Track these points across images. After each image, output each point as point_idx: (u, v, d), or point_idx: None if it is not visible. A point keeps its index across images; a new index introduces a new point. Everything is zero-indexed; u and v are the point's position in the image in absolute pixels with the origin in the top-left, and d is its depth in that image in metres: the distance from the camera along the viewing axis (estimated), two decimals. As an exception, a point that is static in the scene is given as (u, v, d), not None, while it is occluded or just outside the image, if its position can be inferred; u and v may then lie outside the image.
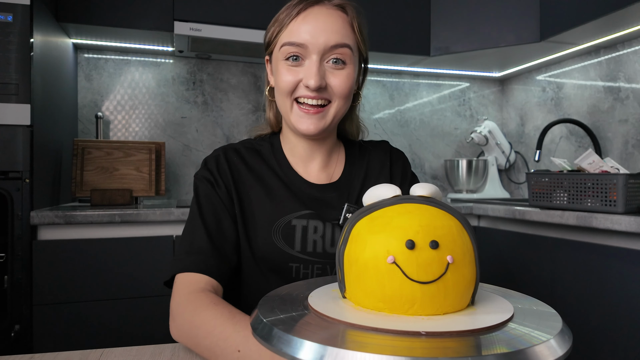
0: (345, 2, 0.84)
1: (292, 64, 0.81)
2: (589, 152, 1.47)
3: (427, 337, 0.41)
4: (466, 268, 0.47)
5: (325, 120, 0.82)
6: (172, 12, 1.86)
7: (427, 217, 0.48)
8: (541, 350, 0.40)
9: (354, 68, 0.83)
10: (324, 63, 0.80)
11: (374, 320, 0.44)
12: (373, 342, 0.40)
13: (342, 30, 0.81)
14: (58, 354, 0.64)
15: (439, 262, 0.45)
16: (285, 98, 0.82)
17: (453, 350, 0.39)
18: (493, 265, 1.79)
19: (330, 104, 0.82)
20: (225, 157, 0.87)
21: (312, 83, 0.78)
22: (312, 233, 0.84)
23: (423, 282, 0.45)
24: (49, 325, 1.45)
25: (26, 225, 1.44)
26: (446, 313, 0.47)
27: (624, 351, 1.28)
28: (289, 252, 0.82)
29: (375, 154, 0.96)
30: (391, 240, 0.46)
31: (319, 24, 0.79)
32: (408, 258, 0.45)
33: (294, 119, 0.83)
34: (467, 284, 0.47)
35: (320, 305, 0.49)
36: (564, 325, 0.46)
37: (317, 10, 0.81)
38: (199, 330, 0.63)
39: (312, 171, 0.90)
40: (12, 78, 1.45)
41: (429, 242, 0.45)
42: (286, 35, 0.81)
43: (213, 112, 2.26)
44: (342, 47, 0.80)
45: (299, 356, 0.39)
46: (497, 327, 0.44)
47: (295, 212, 0.84)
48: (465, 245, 0.48)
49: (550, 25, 1.92)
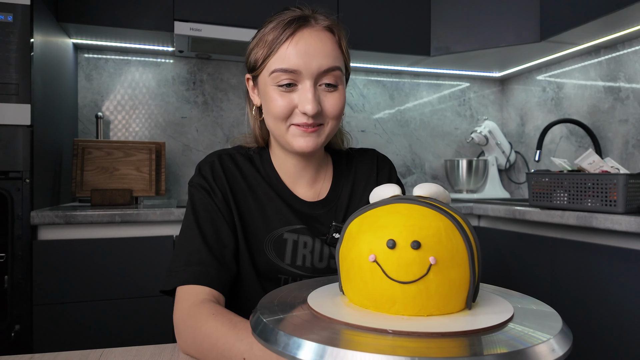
0: (332, 22, 0.83)
1: (284, 90, 0.78)
2: (589, 152, 1.47)
3: (427, 338, 0.41)
4: (453, 270, 0.46)
5: (320, 139, 0.82)
6: (172, 12, 1.86)
7: (415, 217, 0.47)
8: (541, 350, 0.40)
9: (344, 88, 0.83)
10: (317, 87, 0.79)
11: (372, 321, 0.44)
12: (372, 342, 0.40)
13: (332, 52, 0.80)
14: (58, 354, 0.64)
15: (421, 263, 0.45)
16: (280, 123, 0.80)
17: (453, 350, 0.39)
18: (493, 265, 1.79)
19: (324, 125, 0.81)
20: (220, 163, 0.86)
21: (309, 109, 0.77)
22: (302, 247, 0.84)
23: (403, 282, 0.45)
24: (49, 325, 1.45)
25: (26, 225, 1.44)
26: (431, 315, 0.46)
27: (624, 351, 1.28)
28: (279, 264, 0.83)
29: (363, 163, 0.97)
30: (374, 239, 0.47)
31: (311, 48, 0.78)
32: (389, 257, 0.45)
33: (289, 139, 0.81)
34: (454, 286, 0.46)
35: (319, 306, 0.49)
36: (564, 325, 0.46)
37: (308, 33, 0.79)
38: (203, 343, 0.64)
39: (300, 188, 0.90)
40: (13, 78, 1.45)
41: (411, 242, 0.45)
42: (277, 61, 0.78)
43: (213, 112, 2.27)
44: (334, 70, 0.79)
45: (299, 356, 0.39)
46: (497, 328, 0.44)
47: (287, 225, 0.85)
48: (455, 247, 0.46)
49: (551, 25, 1.92)
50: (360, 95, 2.52)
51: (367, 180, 0.95)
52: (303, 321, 0.45)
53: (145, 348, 0.67)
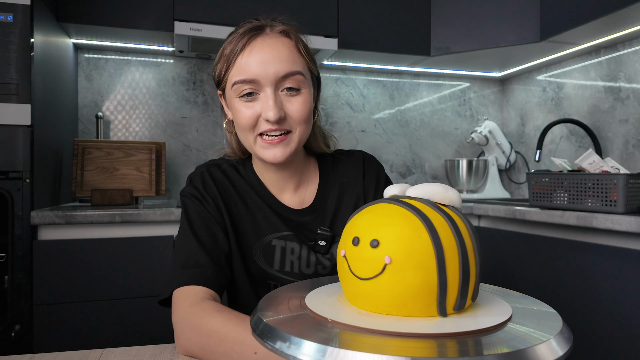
0: (287, 27, 0.83)
1: (247, 100, 0.79)
2: (589, 152, 1.47)
3: (425, 339, 0.41)
4: (411, 272, 0.45)
5: (291, 147, 0.81)
6: (172, 12, 1.86)
7: (382, 217, 0.48)
8: (541, 350, 0.40)
9: (310, 91, 0.82)
10: (278, 92, 0.79)
11: (369, 322, 0.45)
12: (370, 342, 0.40)
13: (290, 57, 0.79)
14: (58, 354, 0.64)
15: (377, 261, 0.46)
16: (248, 134, 0.81)
17: (453, 350, 0.39)
18: (493, 265, 1.79)
19: (292, 132, 0.81)
20: (209, 174, 0.88)
21: (271, 115, 0.77)
22: (289, 254, 0.86)
23: (362, 278, 0.47)
24: (49, 325, 1.45)
25: (26, 225, 1.44)
26: (389, 314, 0.46)
27: (624, 351, 1.28)
28: (268, 270, 0.85)
29: (348, 166, 0.95)
30: (347, 236, 0.50)
31: (266, 55, 0.78)
32: (353, 254, 0.48)
33: (258, 151, 0.82)
34: (410, 288, 0.45)
35: (317, 306, 0.50)
36: (564, 325, 0.46)
37: (261, 41, 0.79)
38: (210, 338, 0.63)
39: (286, 195, 0.90)
40: (13, 78, 1.45)
41: (370, 241, 0.47)
42: (235, 72, 0.79)
43: (213, 112, 2.27)
44: (293, 74, 0.79)
45: (299, 356, 0.39)
46: (497, 328, 0.44)
47: (275, 232, 0.86)
48: (416, 249, 0.45)
49: (551, 25, 1.92)
50: (360, 95, 2.52)
51: (353, 184, 0.93)
52: (303, 321, 0.46)
53: (145, 348, 0.67)
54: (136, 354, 0.65)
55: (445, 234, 0.46)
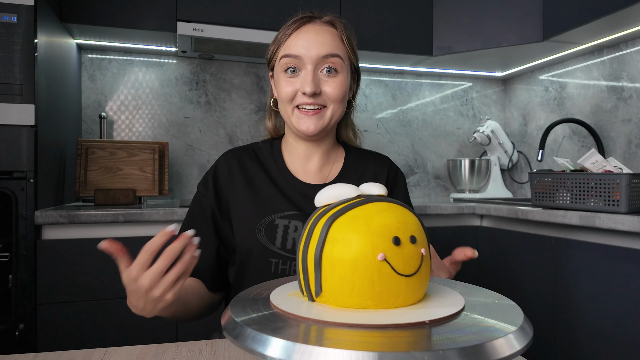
0: (334, 19, 0.95)
1: (290, 76, 0.91)
2: (592, 151, 1.47)
3: (394, 330, 0.42)
4: (429, 260, 0.53)
5: (323, 121, 0.92)
6: (175, 13, 1.86)
7: (399, 214, 0.52)
8: (500, 343, 0.41)
9: (346, 75, 0.93)
10: (317, 72, 0.91)
11: (339, 316, 0.46)
12: (338, 337, 0.41)
13: (332, 42, 0.91)
14: (62, 353, 0.65)
15: (417, 256, 0.50)
16: (287, 105, 0.93)
17: (407, 344, 0.40)
18: (495, 265, 1.79)
19: (327, 108, 0.92)
20: (226, 163, 0.98)
21: (308, 89, 0.88)
22: (292, 232, 0.91)
23: (407, 275, 0.49)
24: (53, 324, 1.45)
25: (30, 224, 1.45)
26: (420, 301, 0.52)
27: (627, 351, 1.28)
28: (270, 247, 0.90)
29: (373, 163, 1.04)
30: (377, 238, 0.49)
31: (311, 38, 0.90)
32: (395, 254, 0.48)
33: (295, 121, 0.92)
34: (429, 273, 0.53)
35: (286, 305, 0.50)
36: (525, 319, 0.48)
37: (309, 27, 0.92)
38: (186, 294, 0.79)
39: (310, 171, 0.99)
40: (17, 78, 1.46)
41: (409, 237, 0.49)
42: (283, 49, 0.92)
43: (216, 112, 2.27)
44: (332, 56, 0.90)
45: (271, 354, 0.40)
46: (452, 317, 0.48)
47: (280, 212, 0.92)
48: (421, 234, 0.52)
49: (553, 25, 1.92)
50: (362, 95, 2.52)
51: (374, 176, 1.02)
52: (274, 319, 0.46)
53: (148, 347, 0.68)
54: (139, 353, 0.65)
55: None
